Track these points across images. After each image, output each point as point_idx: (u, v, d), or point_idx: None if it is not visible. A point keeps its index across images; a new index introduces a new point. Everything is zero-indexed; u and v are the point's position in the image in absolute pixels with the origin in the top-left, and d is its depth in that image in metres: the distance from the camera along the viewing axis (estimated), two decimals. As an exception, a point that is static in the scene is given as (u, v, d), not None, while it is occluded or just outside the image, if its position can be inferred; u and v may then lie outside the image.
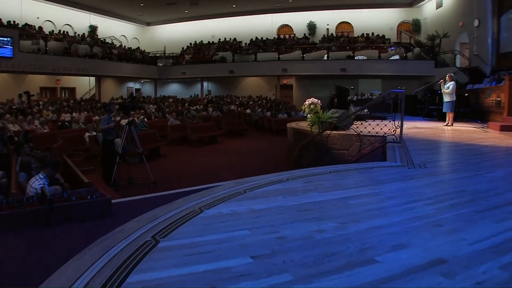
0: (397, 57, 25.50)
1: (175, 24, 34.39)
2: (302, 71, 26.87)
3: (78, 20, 28.52)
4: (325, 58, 26.38)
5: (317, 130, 9.58)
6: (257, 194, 3.92)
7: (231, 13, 31.72)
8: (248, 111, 22.72)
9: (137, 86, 32.97)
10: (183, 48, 31.97)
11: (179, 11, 30.95)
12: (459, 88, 19.17)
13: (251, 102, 27.07)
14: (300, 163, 10.21)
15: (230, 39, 31.52)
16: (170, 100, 27.50)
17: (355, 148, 9.08)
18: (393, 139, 7.27)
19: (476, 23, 21.99)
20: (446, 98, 12.26)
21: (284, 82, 29.76)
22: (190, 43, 32.29)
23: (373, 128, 7.82)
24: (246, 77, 30.78)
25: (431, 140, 8.62)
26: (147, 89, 32.86)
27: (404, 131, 7.60)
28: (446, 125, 12.20)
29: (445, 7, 25.57)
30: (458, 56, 23.98)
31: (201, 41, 32.59)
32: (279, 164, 11.75)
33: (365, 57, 25.82)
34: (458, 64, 23.65)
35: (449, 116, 12.31)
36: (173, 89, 33.28)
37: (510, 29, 19.80)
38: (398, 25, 30.22)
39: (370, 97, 24.28)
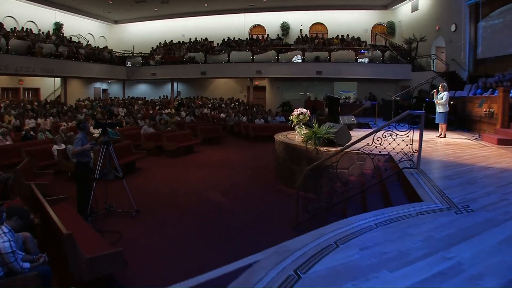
0: (365, 60, 25.09)
1: (144, 23, 33.06)
2: (277, 73, 26.12)
3: (43, 17, 26.67)
4: (299, 59, 25.70)
5: (313, 147, 8.78)
6: (312, 280, 2.80)
7: (202, 12, 30.73)
8: (222, 115, 21.73)
9: (104, 86, 31.35)
10: (152, 48, 30.65)
11: (148, 9, 29.71)
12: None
13: (223, 105, 26.10)
14: (305, 188, 9.43)
15: (202, 39, 30.42)
16: (140, 102, 26.18)
17: (356, 167, 8.38)
18: (410, 164, 6.46)
19: (453, 28, 21.94)
20: (439, 109, 11.80)
21: (256, 83, 28.92)
22: (160, 43, 30.99)
23: (375, 143, 6.87)
24: (218, 78, 29.74)
25: (440, 160, 7.95)
26: (115, 90, 31.29)
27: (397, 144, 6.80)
28: (439, 136, 11.73)
29: (421, 11, 25.43)
30: (434, 60, 23.80)
31: (171, 40, 31.36)
32: (267, 178, 10.95)
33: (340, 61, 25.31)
34: (434, 68, 23.49)
35: (442, 127, 11.90)
36: (142, 90, 31.83)
37: (487, 36, 19.71)
38: (372, 27, 29.97)
39: (347, 100, 23.80)
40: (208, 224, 7.31)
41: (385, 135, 6.68)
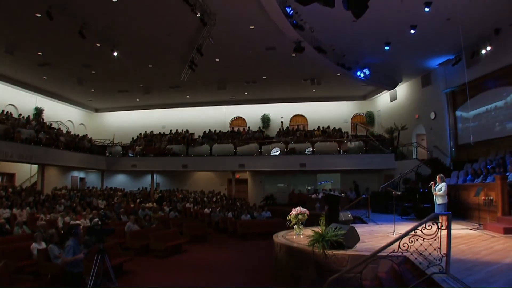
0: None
1: (124, 112, 32.97)
2: (261, 167, 25.84)
3: (23, 101, 26.10)
4: (277, 152, 25.68)
5: (321, 250, 8.06)
6: None
7: (183, 103, 31.07)
8: (206, 210, 20.87)
9: (82, 175, 30.13)
10: (133, 138, 30.27)
11: (130, 99, 29.86)
12: (424, 181, 18.87)
13: (205, 199, 25.30)
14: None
15: (182, 130, 30.29)
16: (119, 193, 25.11)
17: (369, 271, 7.64)
18: (440, 269, 5.73)
19: (432, 115, 22.44)
20: (438, 200, 11.52)
21: (237, 176, 28.43)
22: (140, 133, 30.68)
23: (401, 249, 6.23)
24: (200, 171, 29.21)
25: (460, 259, 7.23)
26: (92, 179, 30.11)
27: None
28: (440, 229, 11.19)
29: (399, 100, 26.18)
30: (415, 148, 24.02)
31: (152, 131, 31.15)
32: (265, 282, 9.97)
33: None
34: (416, 156, 23.61)
35: (443, 219, 11.39)
36: (120, 180, 30.72)
37: (465, 122, 20.16)
38: (352, 117, 30.60)
39: (333, 192, 23.34)
40: None
41: (411, 240, 6.09)
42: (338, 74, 22.56)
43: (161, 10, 15.73)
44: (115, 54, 18.53)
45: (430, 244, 5.93)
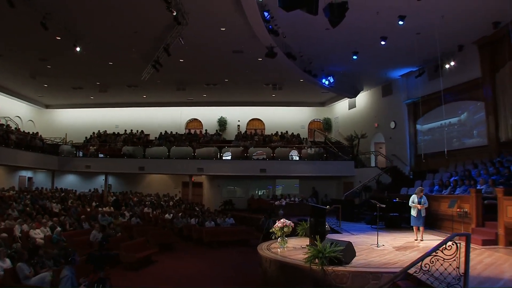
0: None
1: (76, 110, 31.24)
2: (220, 171, 25.28)
3: None
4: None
5: (320, 267, 7.81)
6: None
7: (139, 103, 30.02)
8: (167, 216, 19.99)
9: (30, 174, 28.00)
10: (86, 137, 28.63)
11: (84, 97, 28.33)
12: (387, 190, 19.29)
13: (162, 203, 24.35)
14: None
15: (137, 131, 29.14)
16: (70, 195, 23.50)
17: (371, 287, 7.52)
18: None
19: (392, 125, 22.90)
20: (423, 212, 11.65)
21: (192, 179, 27.68)
22: (94, 132, 29.08)
23: (422, 270, 6.14)
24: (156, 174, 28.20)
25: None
26: (40, 179, 28.08)
27: (389, 253, 6.07)
28: (421, 240, 11.52)
29: (358, 108, 26.64)
30: (374, 156, 24.53)
31: (105, 130, 29.63)
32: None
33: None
34: (374, 164, 24.12)
35: (421, 230, 11.73)
36: (70, 181, 28.78)
37: (425, 134, 20.79)
38: (309, 123, 30.79)
39: (298, 199, 23.36)
40: None
41: (432, 261, 6.00)
42: (301, 80, 22.56)
43: (132, 6, 14.93)
44: (78, 49, 17.39)
45: (454, 269, 5.89)
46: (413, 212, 11.75)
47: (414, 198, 11.88)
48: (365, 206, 19.17)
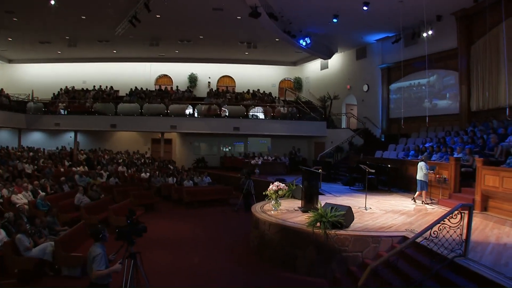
0: (262, 116, 25.74)
1: (42, 65, 29.77)
2: (193, 129, 25.13)
3: None
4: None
5: (323, 231, 8.26)
6: None
7: (108, 58, 28.92)
8: (144, 175, 19.93)
9: None
10: (54, 93, 27.51)
11: (51, 51, 27.00)
12: (362, 152, 20.00)
13: (135, 160, 24.11)
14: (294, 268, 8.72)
15: (107, 87, 28.33)
16: (39, 154, 22.87)
17: (371, 250, 8.07)
18: (460, 252, 6.43)
19: (365, 88, 23.41)
20: (426, 178, 12.31)
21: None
22: (61, 88, 27.99)
23: (432, 237, 6.70)
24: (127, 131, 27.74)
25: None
26: (4, 137, 26.89)
27: (380, 217, 6.72)
28: (423, 202, 12.36)
29: (331, 70, 26.94)
30: (345, 118, 25.12)
31: (73, 86, 28.55)
32: (244, 256, 9.88)
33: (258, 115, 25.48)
34: (344, 125, 24.77)
35: (423, 194, 12.42)
36: (36, 139, 27.84)
37: (397, 98, 21.44)
38: (280, 82, 30.91)
39: (272, 158, 23.72)
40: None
41: (440, 228, 6.59)
42: (277, 39, 22.55)
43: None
44: (53, 2, 16.50)
45: (458, 236, 6.51)
46: (423, 177, 12.25)
47: (423, 165, 12.34)
48: (342, 167, 19.89)
